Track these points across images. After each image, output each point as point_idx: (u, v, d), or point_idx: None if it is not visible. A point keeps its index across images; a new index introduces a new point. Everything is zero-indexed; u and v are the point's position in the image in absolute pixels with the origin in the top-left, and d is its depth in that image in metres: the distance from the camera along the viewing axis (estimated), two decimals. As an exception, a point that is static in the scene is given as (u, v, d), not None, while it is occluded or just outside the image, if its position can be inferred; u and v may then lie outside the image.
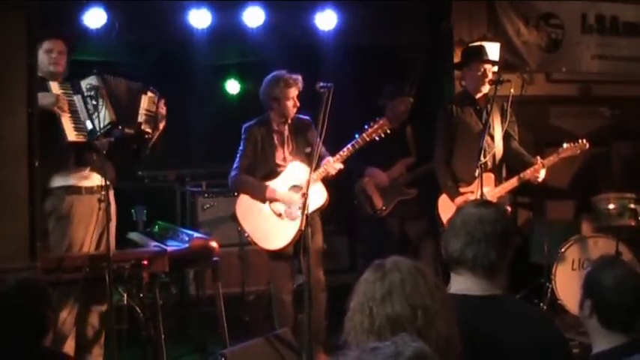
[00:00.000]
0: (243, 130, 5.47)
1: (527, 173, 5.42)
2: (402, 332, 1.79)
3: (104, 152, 4.56)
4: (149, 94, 4.99)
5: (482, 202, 3.05)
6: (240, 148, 5.44)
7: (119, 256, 4.40)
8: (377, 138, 5.27)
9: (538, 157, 5.47)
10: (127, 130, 4.82)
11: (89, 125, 4.69)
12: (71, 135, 4.65)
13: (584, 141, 5.56)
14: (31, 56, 3.91)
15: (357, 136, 5.26)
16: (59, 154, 4.68)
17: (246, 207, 5.37)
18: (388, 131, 5.30)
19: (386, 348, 1.57)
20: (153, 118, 4.97)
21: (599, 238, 6.15)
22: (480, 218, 2.60)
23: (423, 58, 7.35)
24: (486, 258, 2.56)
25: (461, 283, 2.60)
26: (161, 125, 5.05)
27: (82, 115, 4.72)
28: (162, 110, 5.04)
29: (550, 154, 5.55)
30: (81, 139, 4.69)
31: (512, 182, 5.47)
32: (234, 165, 5.42)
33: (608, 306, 2.73)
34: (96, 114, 4.64)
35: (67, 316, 4.64)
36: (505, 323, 2.50)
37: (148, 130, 4.95)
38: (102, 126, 4.65)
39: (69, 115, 4.66)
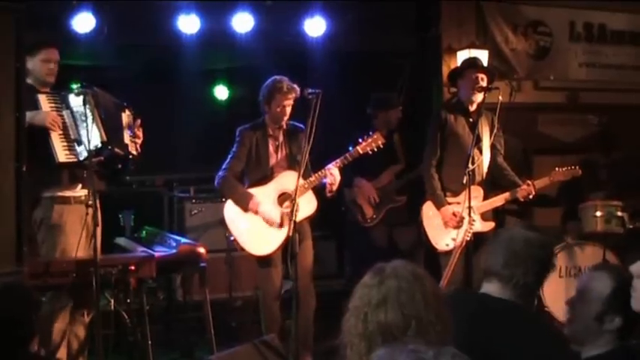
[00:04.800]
0: (237, 133, 5.40)
1: (519, 192, 5.44)
2: (392, 340, 1.79)
3: (94, 170, 4.42)
4: (127, 112, 4.92)
5: (531, 226, 3.13)
6: (233, 149, 5.37)
7: (106, 261, 4.37)
8: (370, 152, 5.26)
9: (528, 181, 5.48)
10: (116, 150, 4.73)
11: (79, 144, 4.57)
12: (61, 156, 4.55)
13: (577, 167, 5.63)
14: (20, 60, 3.87)
15: (350, 148, 5.25)
16: (52, 174, 4.61)
17: (234, 212, 5.33)
18: (381, 146, 5.28)
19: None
20: (134, 138, 4.92)
21: (586, 245, 6.14)
22: (527, 239, 2.69)
23: (411, 65, 7.36)
24: (523, 278, 2.66)
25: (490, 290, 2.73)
26: (139, 147, 4.97)
27: (71, 132, 4.62)
28: (139, 132, 4.97)
29: (541, 177, 5.59)
30: (72, 159, 4.59)
31: (502, 198, 5.48)
32: (224, 165, 5.34)
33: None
34: (85, 132, 4.41)
35: (60, 326, 4.60)
36: (520, 330, 2.60)
37: (134, 151, 4.89)
38: (93, 146, 4.43)
39: (59, 132, 4.56)
